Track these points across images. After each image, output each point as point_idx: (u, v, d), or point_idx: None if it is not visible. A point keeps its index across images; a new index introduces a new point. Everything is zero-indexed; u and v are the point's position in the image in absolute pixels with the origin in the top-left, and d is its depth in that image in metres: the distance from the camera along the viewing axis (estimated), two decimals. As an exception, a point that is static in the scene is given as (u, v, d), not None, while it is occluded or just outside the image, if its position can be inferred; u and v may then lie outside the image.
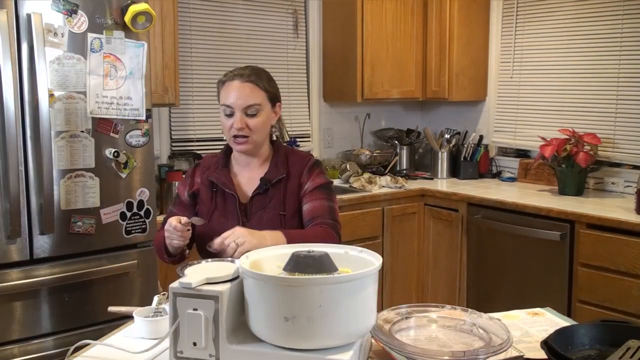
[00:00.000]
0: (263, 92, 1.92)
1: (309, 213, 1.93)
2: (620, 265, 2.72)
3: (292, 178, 1.96)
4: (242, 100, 1.88)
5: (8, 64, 2.17)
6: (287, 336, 1.22)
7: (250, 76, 1.91)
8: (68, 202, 2.38)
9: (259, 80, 1.92)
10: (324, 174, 2.02)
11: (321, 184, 1.97)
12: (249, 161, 1.99)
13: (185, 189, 2.03)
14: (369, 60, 3.79)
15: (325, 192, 1.97)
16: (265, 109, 1.93)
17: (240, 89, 1.89)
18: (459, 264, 3.50)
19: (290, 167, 1.98)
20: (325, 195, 1.96)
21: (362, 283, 1.23)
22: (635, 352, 1.23)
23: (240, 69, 1.95)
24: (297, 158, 2.01)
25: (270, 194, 1.93)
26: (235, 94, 1.89)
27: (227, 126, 1.92)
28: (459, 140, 4.08)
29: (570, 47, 3.54)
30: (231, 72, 1.95)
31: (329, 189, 2.00)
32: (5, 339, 2.29)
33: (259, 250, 1.43)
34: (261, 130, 1.92)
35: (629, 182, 3.29)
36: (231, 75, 1.93)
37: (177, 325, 1.28)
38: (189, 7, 3.48)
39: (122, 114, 2.48)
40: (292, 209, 1.94)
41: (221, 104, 1.92)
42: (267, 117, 1.94)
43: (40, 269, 2.35)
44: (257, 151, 1.98)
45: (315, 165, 2.01)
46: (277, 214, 1.91)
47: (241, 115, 1.88)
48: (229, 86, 1.91)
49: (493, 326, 1.37)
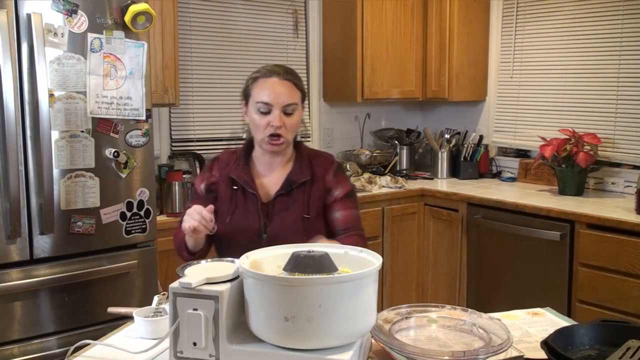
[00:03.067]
0: (299, 91, 1.91)
1: (342, 222, 1.93)
2: (620, 265, 2.72)
3: (316, 181, 1.94)
4: (282, 99, 1.85)
5: (8, 64, 2.17)
6: (287, 336, 1.22)
7: (287, 74, 1.89)
8: (68, 202, 2.38)
9: (295, 79, 1.91)
10: (348, 179, 2.02)
11: (349, 191, 1.97)
12: (272, 161, 1.96)
13: (202, 182, 2.00)
14: (369, 60, 3.79)
15: (353, 199, 1.98)
16: (299, 108, 1.92)
17: (279, 87, 1.86)
18: (459, 264, 3.50)
19: (314, 169, 1.95)
20: (354, 204, 1.98)
21: (362, 283, 1.23)
22: (635, 352, 1.23)
23: (273, 67, 1.92)
24: (320, 160, 1.99)
25: (294, 195, 1.90)
26: (274, 91, 1.85)
27: (262, 124, 1.87)
28: (459, 140, 4.08)
29: (570, 47, 3.54)
30: (264, 68, 1.91)
31: (355, 195, 2.01)
32: (5, 339, 2.29)
33: (258, 250, 1.43)
34: (295, 130, 1.92)
35: (629, 182, 3.29)
36: (266, 72, 1.89)
37: (177, 325, 1.28)
38: (189, 7, 3.48)
39: (122, 114, 2.48)
40: (316, 212, 1.92)
41: (256, 101, 1.87)
42: (299, 117, 1.93)
43: (40, 269, 2.35)
44: (284, 151, 1.95)
45: (340, 169, 2.01)
46: (300, 217, 1.88)
47: (280, 113, 1.85)
48: (266, 83, 1.87)
49: (493, 326, 1.37)
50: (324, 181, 1.94)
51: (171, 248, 2.85)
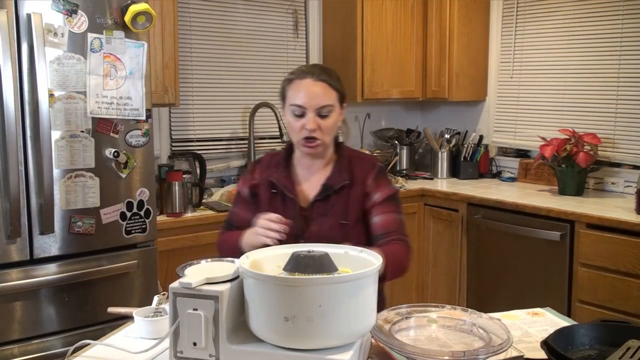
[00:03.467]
0: (335, 91, 1.84)
1: (381, 227, 1.85)
2: (620, 265, 2.72)
3: (356, 185, 1.87)
4: (315, 101, 1.80)
5: (8, 64, 2.17)
6: (287, 336, 1.22)
7: (321, 75, 1.82)
8: (68, 202, 2.38)
9: (331, 79, 1.84)
10: (390, 182, 1.94)
11: (390, 195, 1.88)
12: (312, 163, 1.91)
13: (245, 185, 1.97)
14: (369, 60, 3.79)
15: (395, 203, 1.89)
16: (336, 109, 1.85)
17: (313, 88, 1.80)
18: (459, 264, 3.50)
19: (354, 172, 1.89)
20: (395, 208, 1.88)
21: (362, 283, 1.23)
22: (635, 352, 1.23)
23: (308, 67, 1.87)
24: (361, 163, 1.92)
25: (332, 200, 1.85)
26: (307, 93, 1.80)
27: (296, 127, 1.82)
28: (459, 140, 4.08)
29: (570, 47, 3.54)
30: (299, 69, 1.86)
31: (397, 199, 1.91)
32: (5, 339, 2.29)
33: (259, 250, 1.43)
34: (332, 132, 1.85)
35: (629, 182, 3.29)
36: (300, 73, 1.84)
37: (177, 325, 1.28)
38: (189, 7, 3.48)
39: (122, 114, 2.48)
40: (355, 217, 1.86)
41: (290, 104, 1.83)
42: (337, 119, 1.86)
43: (40, 269, 2.35)
44: (323, 153, 1.90)
45: (382, 173, 1.92)
46: (338, 223, 1.83)
47: (313, 116, 1.80)
48: (300, 85, 1.82)
49: (493, 326, 1.37)
50: (364, 185, 1.87)
51: (171, 248, 2.87)
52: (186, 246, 2.94)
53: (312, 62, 4.00)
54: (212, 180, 3.58)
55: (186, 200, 3.07)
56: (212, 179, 3.59)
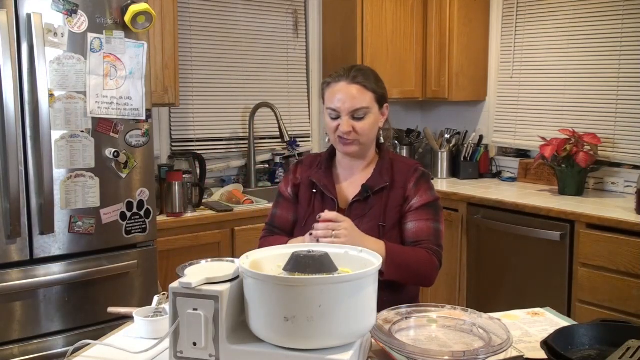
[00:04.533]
0: (371, 93, 1.83)
1: (413, 234, 1.81)
2: (620, 265, 2.72)
3: (395, 188, 1.85)
4: (348, 104, 1.79)
5: (8, 64, 2.17)
6: (287, 336, 1.21)
7: (356, 77, 1.82)
8: (68, 202, 2.38)
9: (366, 81, 1.83)
10: (432, 189, 1.88)
11: (428, 202, 1.84)
12: (353, 164, 1.91)
13: (287, 185, 1.96)
14: (369, 61, 3.78)
15: (432, 211, 1.84)
16: (373, 110, 1.83)
17: (346, 91, 1.80)
18: (459, 264, 3.49)
19: (395, 175, 1.86)
20: (431, 216, 1.83)
21: (362, 283, 1.23)
22: (635, 352, 1.23)
23: (345, 69, 1.85)
24: (403, 166, 1.89)
25: (371, 202, 1.83)
26: (341, 97, 1.80)
27: (332, 128, 1.83)
28: (459, 140, 4.08)
29: (570, 47, 3.54)
30: (336, 72, 1.86)
31: (436, 207, 1.87)
32: (5, 339, 2.29)
33: (259, 250, 1.43)
34: (368, 133, 1.83)
35: (629, 182, 3.29)
36: (336, 76, 1.84)
37: (177, 325, 1.28)
38: (189, 7, 3.48)
39: (122, 114, 2.48)
40: (393, 220, 1.83)
41: (326, 107, 1.84)
42: (375, 120, 1.84)
43: (40, 269, 2.35)
44: (363, 154, 1.88)
45: (423, 178, 1.88)
46: (376, 225, 1.81)
47: (347, 118, 1.80)
48: (334, 88, 1.82)
49: (493, 326, 1.37)
50: (404, 189, 1.85)
51: (171, 248, 2.88)
52: (186, 246, 2.94)
53: (312, 62, 4.01)
54: (212, 180, 3.59)
55: (186, 200, 3.07)
56: (212, 179, 3.59)
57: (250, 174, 3.67)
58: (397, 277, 1.74)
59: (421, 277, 1.80)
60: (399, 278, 1.75)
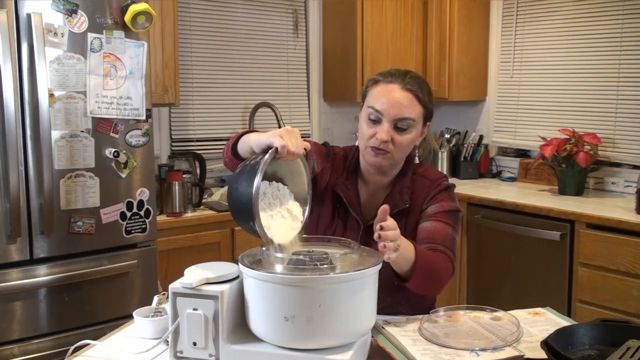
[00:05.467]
0: (421, 107, 1.64)
1: (427, 232, 1.62)
2: (620, 265, 2.72)
3: (414, 208, 1.67)
4: (395, 110, 1.60)
5: (8, 64, 2.17)
6: (287, 336, 1.22)
7: (411, 85, 1.62)
8: (68, 202, 2.38)
9: (420, 91, 1.63)
10: (454, 200, 1.70)
11: (448, 210, 1.66)
12: (377, 180, 1.71)
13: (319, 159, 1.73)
14: (369, 60, 3.78)
15: (452, 218, 1.66)
16: (417, 126, 1.65)
17: (397, 96, 1.60)
18: (459, 264, 3.49)
19: (415, 194, 1.68)
20: (450, 221, 1.65)
21: (362, 283, 1.23)
22: (635, 352, 1.22)
23: (400, 73, 1.66)
24: (425, 183, 1.70)
25: None
26: (389, 100, 1.60)
27: (367, 134, 1.62)
28: (459, 140, 4.08)
29: (570, 47, 3.54)
30: (388, 72, 1.67)
31: (456, 216, 1.68)
32: (5, 339, 2.29)
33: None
34: (405, 149, 1.65)
35: (629, 182, 3.29)
36: (389, 75, 1.65)
37: (177, 325, 1.28)
38: (189, 7, 3.48)
39: (122, 114, 2.48)
40: None
41: (368, 105, 1.64)
42: (415, 136, 1.66)
43: (40, 269, 2.35)
44: (390, 170, 1.69)
45: (445, 190, 1.69)
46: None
47: (389, 126, 1.60)
48: (384, 89, 1.62)
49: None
50: (422, 206, 1.67)
51: (171, 248, 2.88)
52: (186, 246, 2.94)
53: (312, 62, 4.00)
54: (212, 180, 3.58)
55: (186, 200, 3.07)
56: (212, 178, 3.59)
57: (250, 174, 3.66)
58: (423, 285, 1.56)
59: (438, 283, 1.62)
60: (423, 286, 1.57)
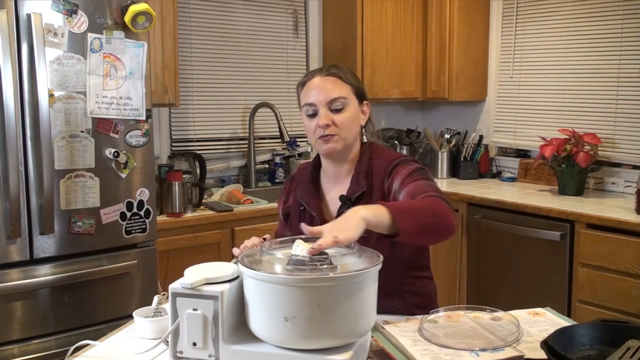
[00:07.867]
0: (347, 85, 1.73)
1: (408, 195, 1.61)
2: (620, 265, 2.72)
3: (374, 191, 1.70)
4: (325, 94, 1.69)
5: (8, 64, 2.17)
6: (287, 336, 1.21)
7: (330, 69, 1.74)
8: (68, 202, 2.38)
9: (342, 73, 1.74)
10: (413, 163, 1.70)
11: (412, 171, 1.66)
12: (337, 171, 1.78)
13: (280, 207, 1.89)
14: (369, 60, 3.78)
15: (419, 173, 1.66)
16: (352, 104, 1.72)
17: (321, 84, 1.71)
18: (459, 264, 3.49)
19: (372, 176, 1.72)
20: (420, 176, 1.65)
21: (362, 283, 1.23)
22: (635, 352, 1.22)
23: (318, 68, 1.80)
24: (381, 164, 1.73)
25: None
26: (316, 89, 1.70)
27: (311, 128, 1.71)
28: (459, 140, 4.08)
29: (570, 47, 3.54)
30: (309, 72, 1.79)
31: (423, 171, 1.68)
32: (5, 339, 2.29)
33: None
34: (349, 127, 1.70)
35: (629, 182, 3.29)
36: (309, 74, 1.77)
37: (177, 325, 1.28)
38: (189, 7, 3.48)
39: (122, 114, 2.48)
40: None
41: (302, 104, 1.74)
42: (355, 114, 1.73)
43: (40, 269, 2.35)
44: (344, 155, 1.74)
45: (401, 163, 1.70)
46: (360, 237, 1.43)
47: (325, 110, 1.68)
48: (310, 84, 1.73)
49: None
50: (382, 188, 1.69)
51: (171, 248, 2.88)
52: (186, 246, 2.94)
53: (312, 62, 4.00)
54: (212, 180, 3.59)
55: (186, 200, 3.07)
56: (212, 179, 3.59)
57: (250, 174, 3.67)
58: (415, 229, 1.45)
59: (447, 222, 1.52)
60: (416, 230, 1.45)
